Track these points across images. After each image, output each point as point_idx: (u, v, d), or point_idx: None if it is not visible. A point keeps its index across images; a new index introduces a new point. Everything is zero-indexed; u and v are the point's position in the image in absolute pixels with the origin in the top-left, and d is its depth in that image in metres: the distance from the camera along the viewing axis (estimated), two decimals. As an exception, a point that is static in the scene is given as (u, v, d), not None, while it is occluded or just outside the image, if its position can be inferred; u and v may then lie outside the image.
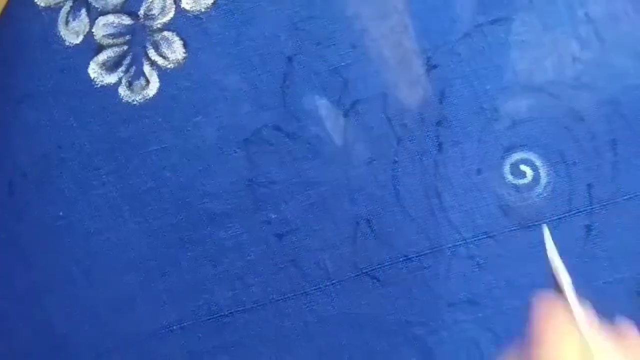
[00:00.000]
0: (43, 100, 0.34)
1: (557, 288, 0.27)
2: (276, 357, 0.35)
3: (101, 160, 0.34)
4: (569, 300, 0.26)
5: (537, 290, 0.33)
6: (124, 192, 0.34)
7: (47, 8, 0.34)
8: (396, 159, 0.34)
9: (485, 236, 0.34)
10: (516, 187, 0.34)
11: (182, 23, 0.34)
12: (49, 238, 0.35)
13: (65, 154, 0.34)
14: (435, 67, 0.34)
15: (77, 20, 0.34)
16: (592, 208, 0.34)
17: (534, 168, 0.34)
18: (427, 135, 0.34)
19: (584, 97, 0.33)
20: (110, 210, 0.34)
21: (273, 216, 0.34)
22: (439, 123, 0.34)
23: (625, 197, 0.33)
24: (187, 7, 0.34)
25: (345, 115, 0.34)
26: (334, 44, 0.34)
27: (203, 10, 0.34)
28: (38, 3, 0.34)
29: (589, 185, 0.34)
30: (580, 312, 0.25)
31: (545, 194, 0.34)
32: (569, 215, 0.34)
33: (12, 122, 0.35)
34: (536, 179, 0.34)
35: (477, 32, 0.34)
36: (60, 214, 0.35)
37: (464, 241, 0.34)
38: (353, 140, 0.34)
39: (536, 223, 0.34)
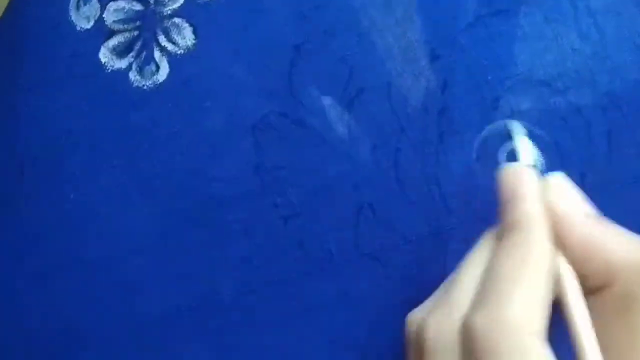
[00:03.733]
0: (54, 84, 0.35)
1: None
2: (281, 336, 0.36)
3: (111, 145, 0.35)
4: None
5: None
6: (133, 176, 0.35)
7: (58, -7, 0.35)
8: (399, 146, 0.35)
9: (479, 220, 0.35)
10: (513, 175, 0.35)
11: (192, 9, 0.34)
12: (59, 221, 0.35)
13: (75, 138, 0.35)
14: (438, 57, 0.35)
15: (88, 5, 0.34)
16: (584, 196, 0.35)
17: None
18: (429, 124, 0.35)
19: (582, 89, 0.34)
20: (120, 194, 0.35)
21: (279, 200, 0.35)
22: (440, 112, 0.35)
23: (617, 185, 0.35)
24: (197, -6, 0.34)
25: (350, 103, 0.35)
26: (341, 33, 0.34)
27: (212, -3, 0.34)
28: (49, -12, 0.35)
29: (582, 174, 0.35)
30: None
31: (540, 182, 0.35)
32: (563, 202, 0.35)
33: (23, 107, 0.35)
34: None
35: (480, 23, 0.35)
36: (71, 196, 0.35)
37: (461, 224, 0.35)
38: (357, 128, 0.35)
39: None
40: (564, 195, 0.24)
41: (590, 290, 0.23)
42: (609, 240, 0.23)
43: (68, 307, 0.36)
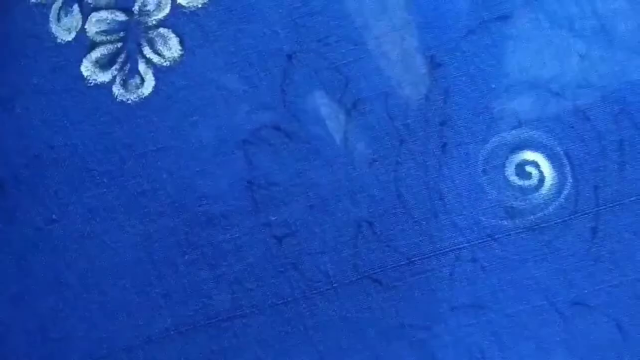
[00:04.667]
0: (34, 99, 0.33)
1: None
2: (276, 362, 0.34)
3: (95, 162, 0.34)
4: None
5: (542, 293, 0.33)
6: (118, 194, 0.34)
7: (38, 4, 0.33)
8: (399, 159, 0.33)
9: (489, 239, 0.33)
10: (521, 189, 0.33)
11: (179, 19, 0.33)
12: (41, 241, 0.34)
13: (57, 154, 0.34)
14: (439, 65, 0.33)
15: (69, 16, 0.33)
16: (598, 210, 0.33)
17: (540, 169, 0.33)
18: (431, 136, 0.33)
19: (591, 95, 0.33)
20: (105, 212, 0.34)
21: (273, 218, 0.34)
22: (442, 123, 0.33)
23: (632, 199, 0.33)
24: (184, 3, 0.33)
25: (347, 114, 0.33)
26: (335, 41, 0.33)
27: (200, 6, 0.33)
28: (28, -2, 0.34)
29: (596, 187, 0.33)
30: None
31: (550, 196, 0.33)
32: (575, 217, 0.33)
33: (1, 122, 0.34)
34: (541, 180, 0.33)
35: (482, 28, 0.33)
36: (53, 216, 0.34)
37: (468, 244, 0.33)
38: (354, 141, 0.33)
39: (542, 226, 0.33)
40: None
41: None
42: None
43: (50, 332, 0.34)
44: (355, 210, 0.34)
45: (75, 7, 0.33)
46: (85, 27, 0.33)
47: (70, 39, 0.33)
